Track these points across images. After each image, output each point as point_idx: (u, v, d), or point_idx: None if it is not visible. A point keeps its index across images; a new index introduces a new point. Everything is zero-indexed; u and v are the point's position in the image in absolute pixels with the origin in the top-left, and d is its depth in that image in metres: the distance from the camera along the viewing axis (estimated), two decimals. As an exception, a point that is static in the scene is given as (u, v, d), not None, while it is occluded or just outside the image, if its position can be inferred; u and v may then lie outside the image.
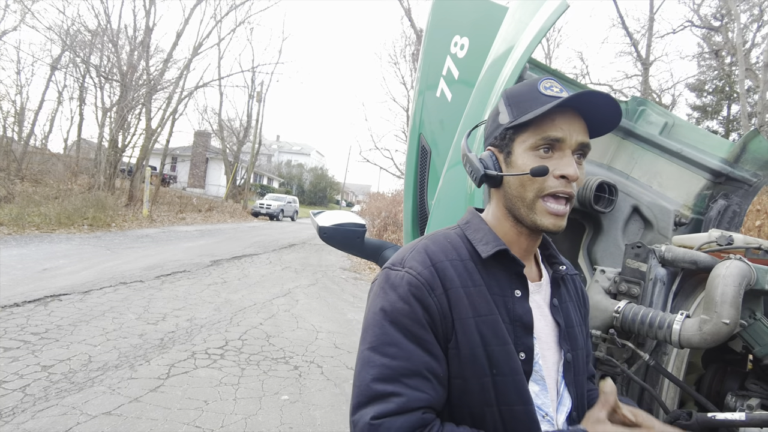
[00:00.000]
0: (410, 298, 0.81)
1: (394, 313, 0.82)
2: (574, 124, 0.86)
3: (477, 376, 0.81)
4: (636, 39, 17.60)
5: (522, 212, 0.87)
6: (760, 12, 16.34)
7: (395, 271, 0.86)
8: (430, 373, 0.79)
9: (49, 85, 19.94)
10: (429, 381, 0.79)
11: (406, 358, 0.79)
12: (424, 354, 0.80)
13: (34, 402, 3.19)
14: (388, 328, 0.81)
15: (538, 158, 0.85)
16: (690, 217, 2.13)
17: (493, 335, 0.82)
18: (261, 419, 3.33)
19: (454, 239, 0.91)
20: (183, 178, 36.13)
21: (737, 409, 1.36)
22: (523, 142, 0.87)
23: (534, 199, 0.86)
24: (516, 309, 0.86)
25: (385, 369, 0.78)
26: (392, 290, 0.84)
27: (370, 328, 0.83)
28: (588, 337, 1.06)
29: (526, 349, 0.85)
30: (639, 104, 2.22)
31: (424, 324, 0.81)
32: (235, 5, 22.95)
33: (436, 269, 0.84)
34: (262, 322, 5.72)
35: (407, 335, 0.80)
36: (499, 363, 0.81)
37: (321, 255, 13.00)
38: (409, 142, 2.52)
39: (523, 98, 0.88)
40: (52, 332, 4.57)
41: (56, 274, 7.04)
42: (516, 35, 1.65)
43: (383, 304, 0.83)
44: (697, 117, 21.49)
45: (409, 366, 0.78)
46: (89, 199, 14.42)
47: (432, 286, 0.82)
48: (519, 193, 0.87)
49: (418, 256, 0.86)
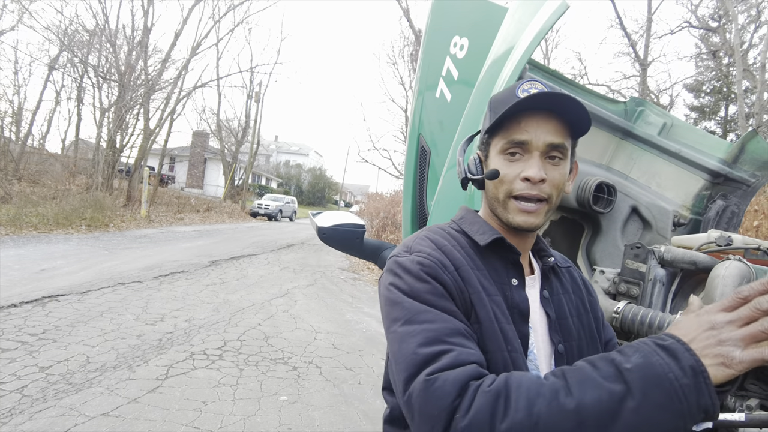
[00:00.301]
0: (426, 276, 0.81)
1: (414, 292, 0.80)
2: (544, 125, 0.86)
3: (499, 350, 0.80)
4: (634, 40, 17.65)
5: (499, 211, 0.91)
6: (758, 13, 16.38)
7: (404, 257, 0.86)
8: (469, 334, 0.78)
9: (46, 85, 19.96)
10: (470, 340, 0.76)
11: (445, 320, 0.76)
12: (455, 320, 0.78)
13: (31, 403, 3.18)
14: (414, 303, 0.79)
15: (507, 162, 0.88)
16: (689, 217, 2.13)
17: (501, 314, 0.84)
18: (260, 420, 3.32)
19: (451, 232, 0.95)
20: (181, 179, 36.09)
21: (736, 409, 1.37)
22: (496, 146, 0.91)
23: (505, 199, 0.89)
24: (513, 296, 0.88)
25: (427, 332, 0.74)
26: (406, 273, 0.83)
27: (395, 309, 0.80)
28: (603, 325, 1.04)
29: (522, 336, 0.86)
30: (637, 105, 2.23)
31: (445, 296, 0.80)
32: (234, 5, 22.95)
33: (443, 251, 0.87)
34: (260, 322, 5.72)
35: (436, 305, 0.78)
36: (510, 340, 0.82)
37: (320, 255, 12.99)
38: (409, 142, 2.52)
39: (500, 102, 0.90)
40: (50, 333, 4.55)
41: (54, 274, 7.02)
42: (516, 36, 1.65)
43: (401, 286, 0.82)
44: (695, 117, 21.54)
45: (450, 326, 0.76)
46: (87, 200, 14.39)
47: (444, 265, 0.84)
48: (494, 194, 0.91)
49: (424, 242, 0.89)
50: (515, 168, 0.87)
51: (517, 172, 0.87)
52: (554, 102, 0.85)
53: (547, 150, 0.86)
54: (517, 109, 0.85)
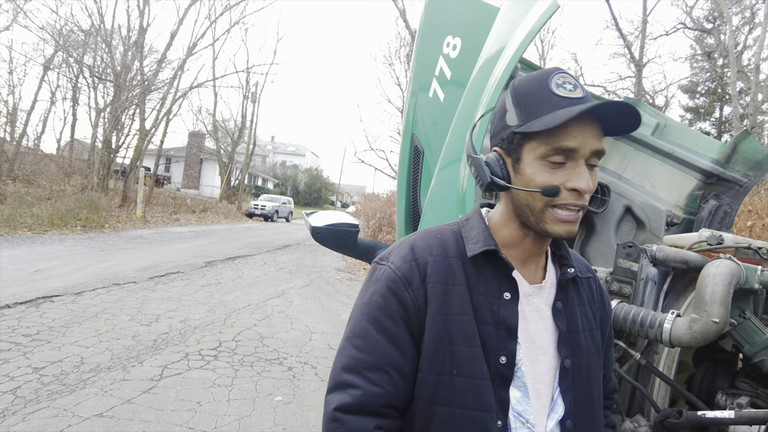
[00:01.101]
0: (386, 292, 0.84)
1: (369, 305, 0.85)
2: (588, 129, 0.78)
3: (434, 372, 0.81)
4: (629, 41, 17.72)
5: (530, 220, 0.83)
6: (752, 15, 16.48)
7: (381, 265, 0.89)
8: (393, 369, 0.82)
9: (41, 85, 19.87)
10: (389, 376, 0.81)
11: (371, 352, 0.82)
12: (391, 348, 0.82)
13: (25, 404, 3.16)
14: (362, 321, 0.85)
15: (549, 169, 0.79)
16: (682, 217, 2.14)
17: (460, 335, 0.82)
18: (254, 420, 3.31)
19: (446, 236, 0.91)
20: (177, 179, 36.00)
21: (727, 407, 1.37)
22: (533, 150, 0.80)
23: (543, 209, 0.80)
24: (501, 312, 0.84)
25: (350, 360, 0.82)
26: (373, 284, 0.87)
27: (351, 318, 0.88)
28: (608, 345, 1.01)
29: (508, 353, 0.82)
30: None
31: (395, 318, 0.83)
32: (230, 6, 22.93)
33: (417, 263, 0.86)
34: (256, 323, 5.70)
35: (378, 328, 0.83)
36: (462, 364, 0.81)
37: (316, 256, 12.98)
38: (402, 142, 2.52)
39: (532, 98, 0.80)
40: (44, 334, 4.53)
41: (48, 275, 6.98)
42: (507, 35, 1.66)
43: (363, 296, 0.88)
44: (690, 118, 21.65)
45: (371, 360, 0.81)
46: (82, 200, 14.34)
47: (409, 281, 0.84)
48: (528, 203, 0.82)
49: (402, 252, 0.88)
50: (559, 176, 0.78)
51: (561, 181, 0.78)
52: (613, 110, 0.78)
53: (591, 156, 0.79)
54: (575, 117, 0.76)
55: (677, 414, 1.28)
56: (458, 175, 1.67)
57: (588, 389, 0.88)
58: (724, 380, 1.48)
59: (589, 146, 0.78)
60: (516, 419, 0.82)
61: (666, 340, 1.32)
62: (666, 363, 1.47)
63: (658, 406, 1.42)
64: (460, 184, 1.65)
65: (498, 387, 0.82)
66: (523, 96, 0.82)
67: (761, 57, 12.91)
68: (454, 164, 1.73)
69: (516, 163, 0.83)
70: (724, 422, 1.19)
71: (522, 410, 0.83)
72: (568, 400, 0.85)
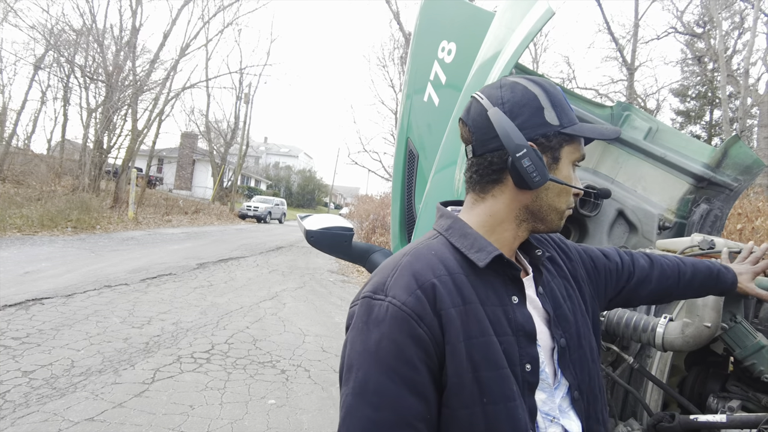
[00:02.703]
0: (398, 335, 0.73)
1: (379, 353, 0.73)
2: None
3: (464, 407, 0.74)
4: (621, 44, 17.87)
5: (550, 217, 0.86)
6: (741, 20, 16.69)
7: (377, 301, 0.77)
8: (419, 421, 0.73)
9: (32, 85, 19.68)
10: (417, 430, 0.72)
11: (393, 408, 0.71)
12: (412, 398, 0.72)
13: (14, 408, 3.13)
14: (373, 373, 0.73)
15: (572, 173, 0.86)
16: (673, 221, 2.16)
17: (484, 359, 0.75)
18: (247, 424, 3.30)
19: (440, 250, 0.83)
20: (169, 180, 35.77)
21: (718, 410, 1.38)
22: (571, 154, 0.85)
23: (565, 210, 0.86)
24: (517, 318, 0.81)
25: (369, 423, 0.71)
26: (376, 327, 0.75)
27: (353, 369, 0.75)
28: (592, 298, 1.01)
29: (532, 359, 0.80)
30: (624, 109, 2.25)
31: (414, 363, 0.73)
32: (223, 6, 22.87)
33: (423, 292, 0.76)
34: (248, 325, 5.68)
35: (394, 379, 0.72)
36: (492, 390, 0.74)
37: (309, 258, 12.95)
38: (397, 145, 2.52)
39: (564, 105, 0.86)
40: (34, 337, 4.48)
41: (38, 277, 6.91)
42: (503, 41, 1.66)
43: (367, 343, 0.75)
44: (681, 122, 21.86)
45: (394, 418, 0.71)
46: (73, 201, 14.22)
47: (420, 316, 0.74)
48: (554, 203, 0.85)
49: (402, 280, 0.77)
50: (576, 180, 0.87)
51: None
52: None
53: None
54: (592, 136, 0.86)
55: (670, 417, 1.29)
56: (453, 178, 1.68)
57: (582, 355, 0.89)
58: (715, 383, 1.49)
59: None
60: (544, 419, 0.81)
61: (659, 344, 1.33)
62: (658, 367, 1.48)
63: (651, 410, 1.43)
64: (456, 188, 1.66)
65: (526, 396, 0.79)
66: (556, 99, 0.85)
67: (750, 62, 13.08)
68: (449, 168, 1.73)
69: (554, 162, 0.84)
70: (716, 426, 1.20)
71: (549, 410, 0.82)
72: (569, 374, 0.86)
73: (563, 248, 1.03)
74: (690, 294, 1.17)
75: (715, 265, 1.18)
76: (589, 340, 0.93)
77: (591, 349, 0.92)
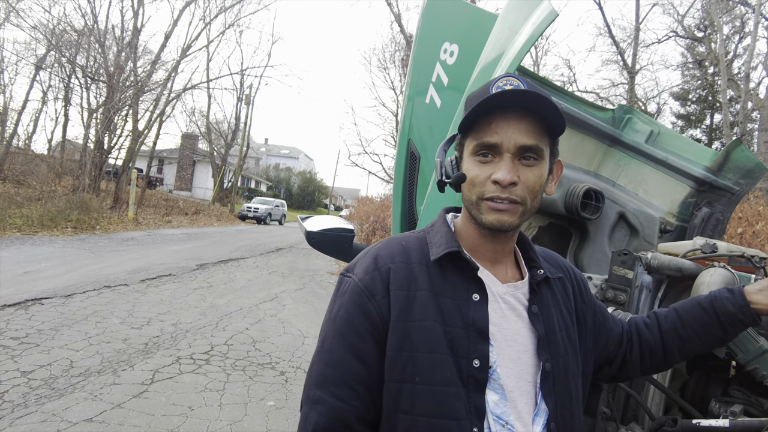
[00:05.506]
0: (351, 306, 0.85)
1: (336, 320, 0.86)
2: (515, 125, 0.82)
3: (395, 380, 0.81)
4: (622, 48, 17.91)
5: (473, 213, 0.87)
6: (742, 24, 16.71)
7: (346, 277, 0.90)
8: (359, 384, 0.82)
9: (33, 85, 19.67)
10: (355, 391, 0.82)
11: (337, 366, 0.83)
12: (355, 362, 0.83)
13: (12, 409, 3.12)
14: (329, 336, 0.86)
15: (479, 164, 0.85)
16: (675, 224, 2.16)
17: (422, 341, 0.81)
18: (246, 425, 3.29)
19: (411, 243, 0.92)
20: (169, 181, 35.77)
21: (720, 415, 1.38)
22: (468, 147, 0.87)
23: (477, 201, 0.85)
24: (471, 314, 0.83)
25: (318, 375, 0.85)
26: (339, 298, 0.89)
27: (321, 333, 0.90)
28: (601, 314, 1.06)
29: (481, 356, 0.82)
30: (625, 113, 2.25)
31: (360, 332, 0.84)
32: (225, 7, 22.90)
33: (379, 273, 0.86)
34: (248, 327, 5.67)
35: (343, 343, 0.84)
36: (423, 371, 0.80)
37: (308, 259, 12.94)
38: (399, 147, 2.52)
39: (474, 99, 0.85)
40: (33, 337, 4.47)
41: (38, 277, 6.90)
42: (505, 43, 1.66)
43: (331, 311, 0.89)
44: (682, 125, 21.87)
45: (337, 375, 0.83)
46: (73, 201, 14.20)
47: (372, 292, 0.85)
48: (467, 197, 0.87)
49: (365, 263, 0.89)
50: (486, 170, 0.83)
51: (487, 174, 0.83)
52: (526, 100, 0.81)
53: (520, 152, 0.82)
54: (487, 108, 0.82)
55: (672, 422, 1.28)
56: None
57: (567, 390, 0.89)
58: (717, 388, 1.48)
59: (513, 141, 0.82)
60: (496, 422, 0.80)
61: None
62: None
63: (653, 414, 1.42)
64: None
65: (472, 392, 0.80)
66: (469, 99, 0.88)
67: (751, 66, 13.09)
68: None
69: (459, 161, 0.91)
70: (719, 431, 1.19)
71: (501, 413, 0.81)
72: (551, 402, 0.85)
73: (581, 289, 1.03)
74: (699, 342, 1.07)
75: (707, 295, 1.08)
76: (577, 382, 0.92)
77: (577, 390, 0.92)
